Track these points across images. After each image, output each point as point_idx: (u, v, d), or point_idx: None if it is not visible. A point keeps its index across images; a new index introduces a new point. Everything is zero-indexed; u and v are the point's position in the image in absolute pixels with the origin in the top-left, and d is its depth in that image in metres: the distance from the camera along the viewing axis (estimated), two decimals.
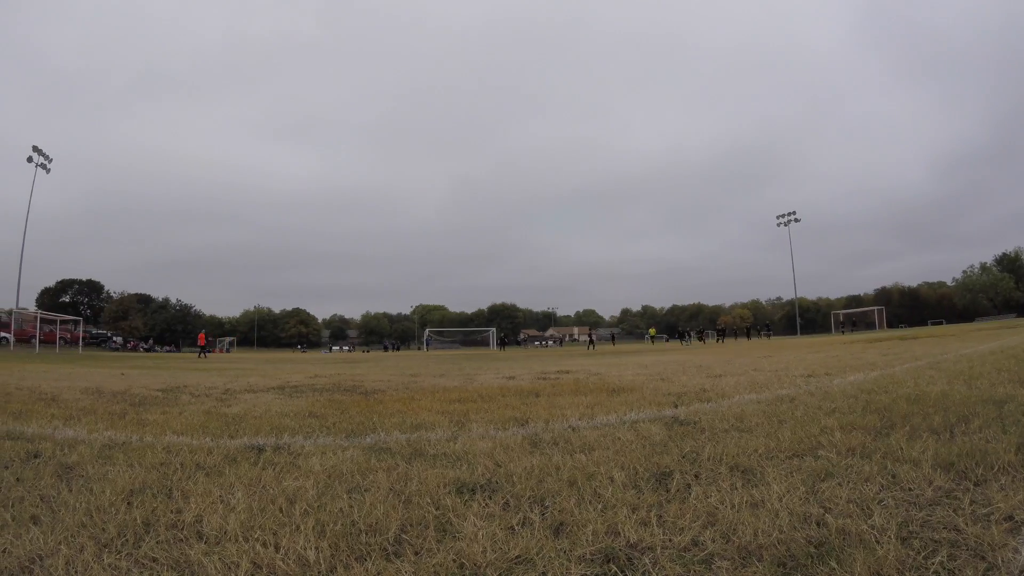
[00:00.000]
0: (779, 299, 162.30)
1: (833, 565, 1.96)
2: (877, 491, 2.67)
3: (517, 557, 2.13)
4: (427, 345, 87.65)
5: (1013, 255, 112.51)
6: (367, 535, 2.37)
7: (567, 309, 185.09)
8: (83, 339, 60.51)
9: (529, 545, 2.21)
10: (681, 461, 3.36)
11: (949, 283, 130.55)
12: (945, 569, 1.94)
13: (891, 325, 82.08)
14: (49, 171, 60.38)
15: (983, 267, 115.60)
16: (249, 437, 4.59)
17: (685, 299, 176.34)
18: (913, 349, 14.79)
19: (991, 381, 6.20)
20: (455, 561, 2.11)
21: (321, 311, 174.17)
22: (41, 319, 52.88)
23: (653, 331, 76.37)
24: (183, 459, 3.75)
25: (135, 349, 79.80)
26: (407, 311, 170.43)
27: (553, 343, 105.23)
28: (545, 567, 2.05)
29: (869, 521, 2.28)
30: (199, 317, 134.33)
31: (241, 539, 2.34)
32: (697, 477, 3.05)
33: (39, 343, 45.92)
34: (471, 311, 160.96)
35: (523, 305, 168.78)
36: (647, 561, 2.07)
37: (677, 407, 5.59)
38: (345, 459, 3.71)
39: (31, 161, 58.75)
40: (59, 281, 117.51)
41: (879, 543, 2.09)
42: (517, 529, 2.40)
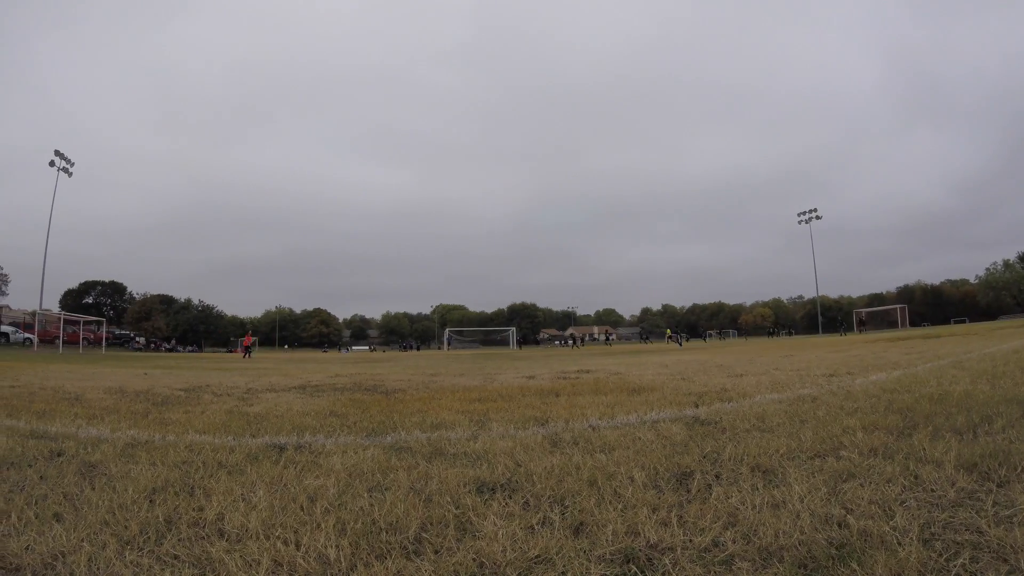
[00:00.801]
0: (800, 297, 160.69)
1: (854, 567, 1.94)
2: (899, 492, 2.64)
3: (537, 557, 2.12)
4: (448, 345, 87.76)
5: None
6: (387, 533, 2.37)
7: (587, 309, 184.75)
8: (106, 339, 61.12)
9: (549, 545, 2.20)
10: (702, 461, 3.34)
11: (972, 281, 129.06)
12: (967, 572, 1.91)
13: (914, 323, 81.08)
14: (71, 175, 61.00)
15: (1006, 264, 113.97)
16: (271, 436, 4.61)
17: (706, 298, 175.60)
18: (936, 348, 14.64)
19: (1015, 380, 6.13)
20: (475, 560, 2.11)
21: (342, 311, 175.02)
22: (64, 320, 53.45)
23: (669, 331, 76.08)
24: (205, 458, 3.77)
25: (157, 349, 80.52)
26: (427, 311, 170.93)
27: (560, 343, 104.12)
28: (565, 567, 2.04)
29: (891, 522, 2.26)
30: (220, 317, 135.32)
31: (262, 537, 2.35)
32: (718, 477, 3.03)
33: (62, 344, 46.43)
34: (491, 311, 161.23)
35: (543, 305, 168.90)
36: (667, 562, 2.05)
37: (698, 407, 5.56)
38: (366, 458, 3.72)
39: (53, 165, 59.35)
40: (82, 283, 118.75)
41: (901, 545, 2.07)
42: (537, 529, 2.40)
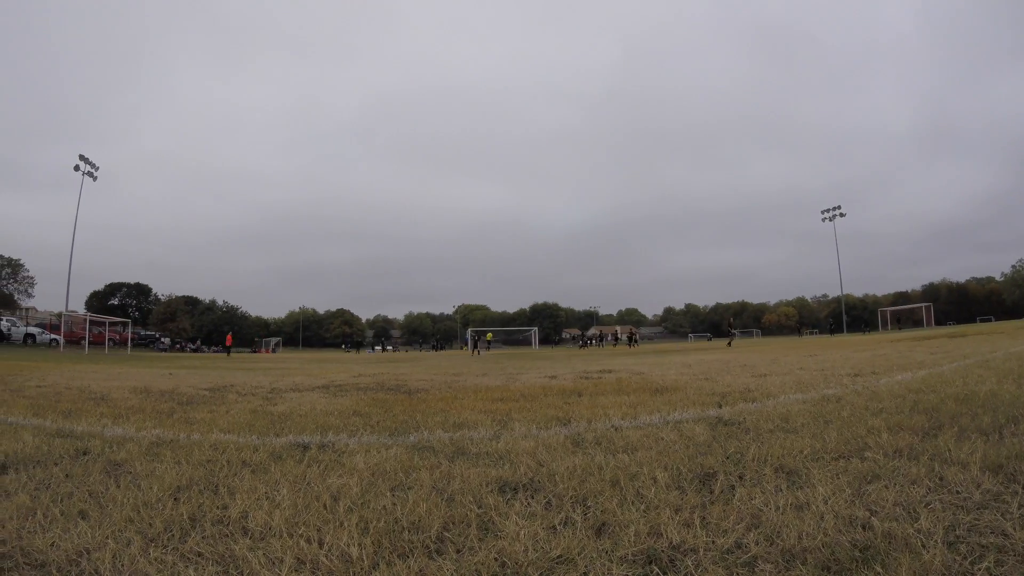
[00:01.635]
0: (825, 296, 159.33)
1: (878, 570, 1.92)
2: (924, 494, 2.61)
3: (559, 557, 2.12)
4: (473, 347, 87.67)
5: None
6: (410, 532, 2.38)
7: (609, 308, 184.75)
8: (131, 340, 61.77)
9: (571, 545, 2.20)
10: (725, 462, 3.32)
11: (997, 279, 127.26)
12: (991, 575, 1.89)
13: (939, 322, 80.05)
14: (96, 179, 61.71)
15: None
16: (294, 435, 4.64)
17: (729, 297, 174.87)
18: (961, 347, 14.46)
19: None
20: (496, 560, 2.12)
21: (365, 311, 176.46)
22: (90, 321, 54.10)
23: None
24: (229, 456, 3.80)
25: (182, 350, 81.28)
26: (449, 311, 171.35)
27: (581, 343, 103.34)
28: (587, 567, 2.04)
29: (915, 525, 2.23)
30: (245, 318, 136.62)
31: (285, 535, 2.37)
32: (741, 478, 3.01)
33: (88, 344, 46.96)
34: (513, 310, 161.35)
35: (565, 304, 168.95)
36: (689, 563, 2.05)
37: (721, 407, 5.52)
38: (389, 457, 3.73)
39: (78, 170, 60.09)
40: (107, 284, 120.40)
41: (925, 548, 2.04)
42: (559, 529, 2.40)
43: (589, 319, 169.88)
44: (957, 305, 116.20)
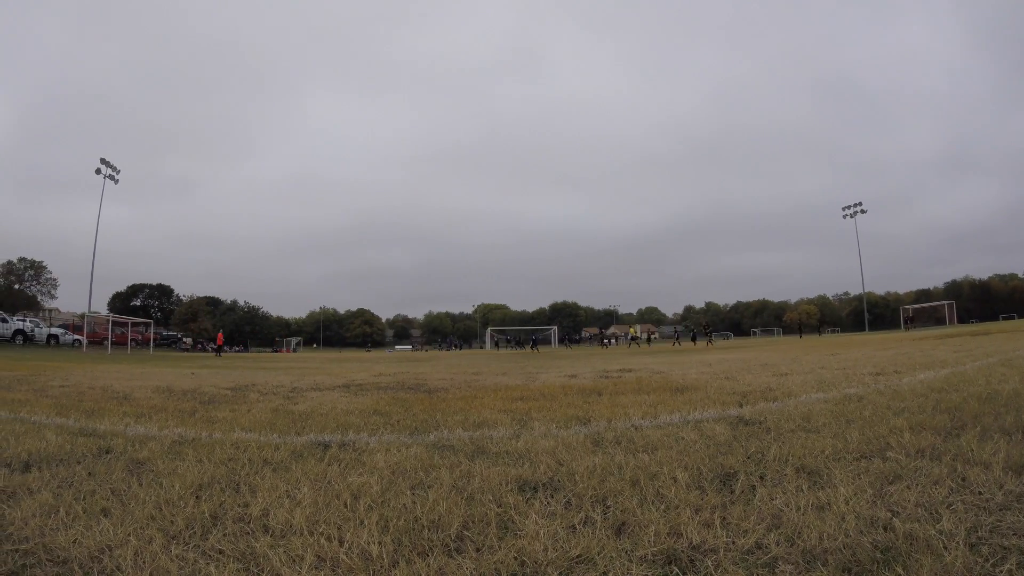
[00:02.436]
0: (846, 294, 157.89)
1: (899, 571, 1.90)
2: (946, 494, 2.58)
3: (578, 556, 2.12)
4: (493, 344, 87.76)
5: None
6: (429, 531, 2.39)
7: (629, 307, 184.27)
8: (154, 340, 62.35)
9: (590, 544, 2.20)
10: (746, 462, 3.31)
11: (1021, 275, 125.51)
12: None
13: (961, 320, 78.86)
14: (117, 182, 62.34)
15: None
16: (315, 434, 4.66)
17: (750, 295, 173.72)
18: (984, 345, 14.29)
19: None
20: (516, 559, 2.12)
21: (385, 311, 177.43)
22: (113, 322, 54.64)
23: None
24: (251, 455, 3.83)
25: (204, 350, 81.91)
26: (469, 310, 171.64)
27: (600, 342, 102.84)
28: (606, 567, 2.04)
29: (937, 526, 2.21)
30: (266, 318, 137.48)
31: (306, 533, 2.38)
32: (762, 478, 2.99)
33: (111, 345, 47.42)
34: (532, 309, 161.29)
35: (584, 303, 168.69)
36: (709, 563, 2.04)
37: (742, 406, 5.50)
38: (409, 456, 3.74)
39: (99, 173, 60.74)
40: (130, 286, 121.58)
41: (947, 549, 2.02)
42: (578, 528, 2.39)
43: (609, 318, 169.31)
44: (980, 302, 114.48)
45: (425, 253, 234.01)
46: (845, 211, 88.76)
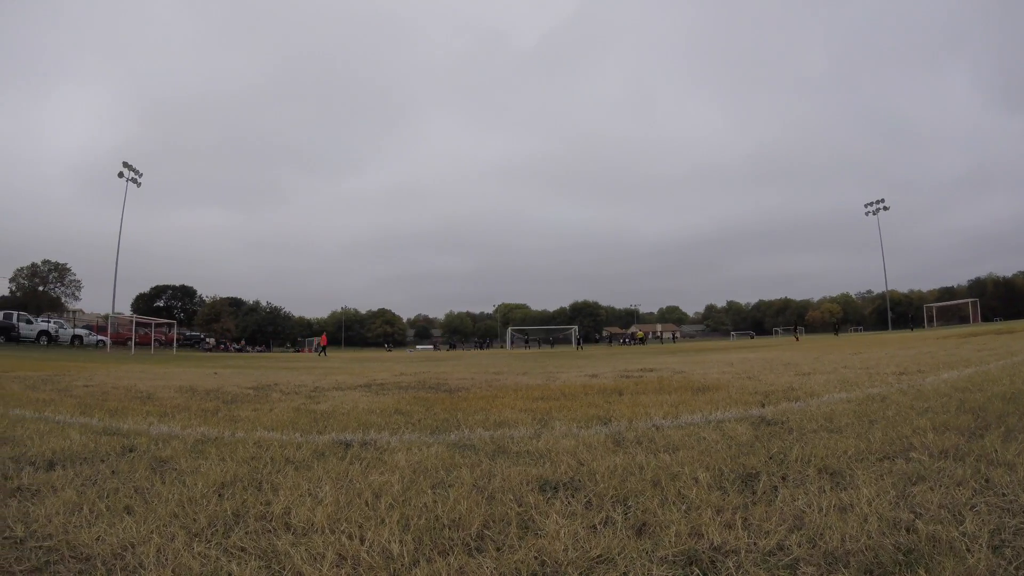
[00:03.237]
0: (869, 292, 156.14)
1: (921, 574, 1.89)
2: (970, 496, 2.55)
3: (598, 556, 2.12)
4: (511, 344, 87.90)
5: None
6: (450, 530, 2.40)
7: (650, 306, 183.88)
8: (177, 341, 62.89)
9: (611, 545, 2.19)
10: (768, 462, 3.29)
11: None
12: None
13: (985, 318, 77.52)
14: (140, 185, 63.08)
15: None
16: (337, 433, 4.69)
17: (771, 294, 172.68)
18: (1009, 344, 14.12)
19: None
20: (536, 558, 2.12)
21: (406, 311, 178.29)
22: (136, 322, 55.18)
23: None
24: (273, 454, 3.86)
25: (227, 350, 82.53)
26: (490, 310, 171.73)
27: (622, 341, 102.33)
28: (627, 567, 2.03)
29: (960, 528, 2.19)
30: (288, 318, 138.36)
31: (327, 531, 2.40)
32: (784, 479, 2.98)
33: (135, 345, 47.88)
34: (553, 309, 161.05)
35: (605, 303, 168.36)
36: (731, 564, 2.03)
37: (764, 406, 5.46)
38: (430, 455, 3.75)
39: (122, 176, 61.53)
40: (153, 287, 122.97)
41: (970, 551, 2.00)
42: (599, 528, 2.39)
43: (630, 317, 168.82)
44: (1004, 300, 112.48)
45: (484, 258, 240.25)
46: (868, 208, 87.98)
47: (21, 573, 2.08)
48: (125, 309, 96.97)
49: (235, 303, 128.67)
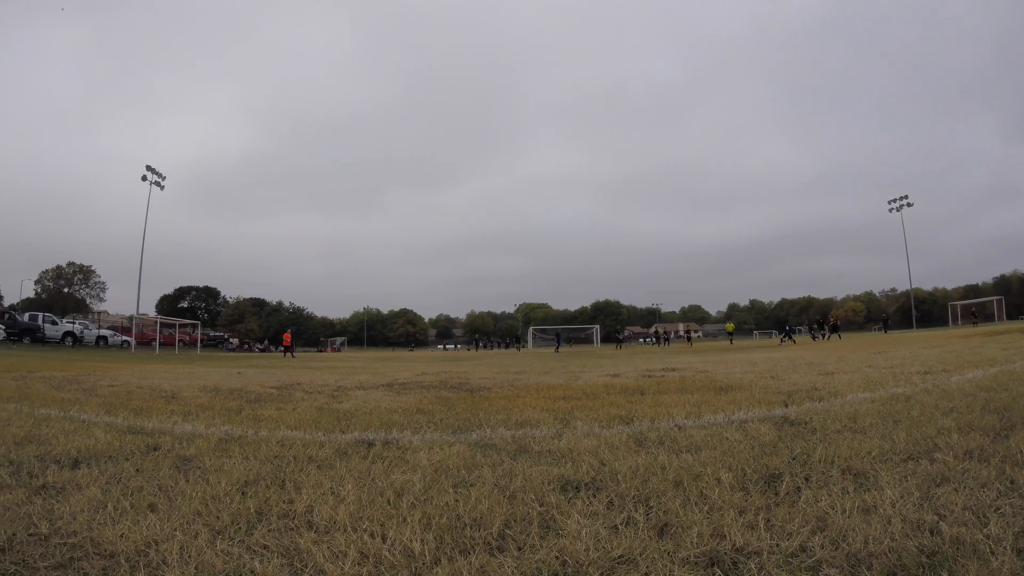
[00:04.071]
0: (893, 290, 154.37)
1: None
2: (994, 497, 2.52)
3: (620, 557, 2.11)
4: (531, 343, 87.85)
5: None
6: (472, 529, 2.40)
7: (672, 305, 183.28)
8: (201, 341, 63.46)
9: (632, 545, 2.19)
10: (791, 463, 3.26)
11: None
12: None
13: (1011, 316, 76.20)
14: (163, 188, 63.76)
15: None
16: (359, 432, 4.72)
17: (794, 292, 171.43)
18: None
19: None
20: (557, 558, 2.12)
21: (427, 310, 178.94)
22: (161, 323, 55.71)
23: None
24: (296, 452, 3.88)
25: (250, 350, 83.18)
26: (511, 309, 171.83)
27: (644, 340, 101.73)
28: (648, 568, 2.03)
29: (984, 530, 2.16)
30: (311, 319, 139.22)
31: (350, 529, 2.41)
32: (807, 480, 2.95)
33: (159, 346, 48.35)
34: (574, 308, 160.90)
35: (627, 302, 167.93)
36: (753, 566, 2.02)
37: (787, 406, 5.43)
38: (451, 454, 3.76)
39: (145, 180, 62.15)
40: (177, 288, 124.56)
41: (994, 554, 1.98)
42: (621, 528, 2.39)
43: (651, 316, 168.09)
44: None
45: (536, 262, 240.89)
46: (891, 204, 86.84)
47: (46, 569, 2.11)
48: (149, 310, 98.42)
49: (258, 304, 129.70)
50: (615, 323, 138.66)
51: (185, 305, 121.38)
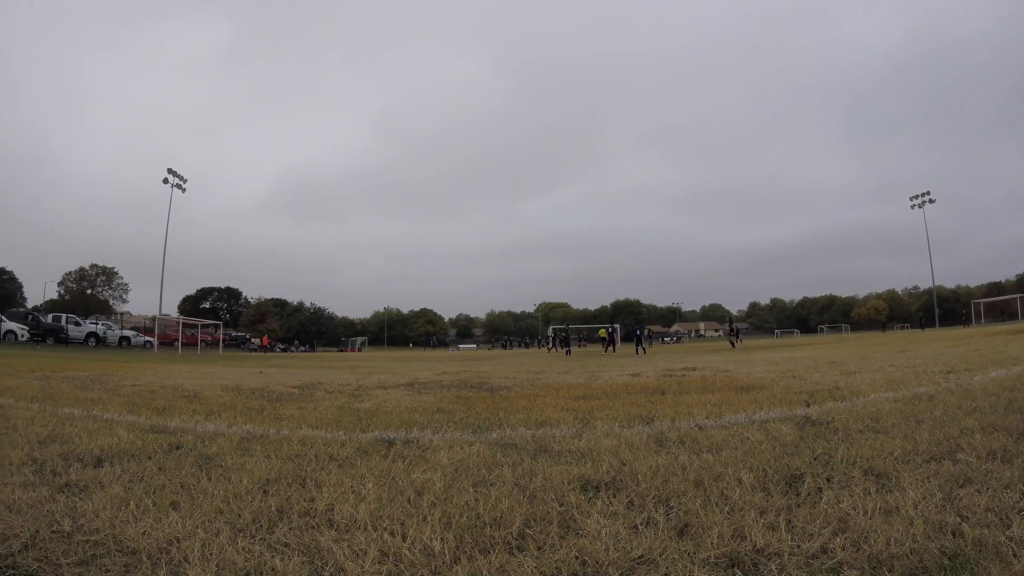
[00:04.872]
0: (916, 288, 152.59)
1: None
2: (1017, 499, 2.49)
3: (640, 557, 2.11)
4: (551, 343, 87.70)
5: None
6: (491, 528, 2.41)
7: (692, 304, 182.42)
8: (223, 341, 63.98)
9: (652, 545, 2.19)
10: (813, 463, 3.25)
11: None
12: None
13: None
14: (185, 191, 64.53)
15: None
16: (380, 431, 4.74)
17: (815, 290, 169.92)
18: None
19: None
20: (577, 558, 2.12)
21: (447, 310, 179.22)
22: (183, 323, 56.20)
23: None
24: (317, 451, 3.91)
25: (271, 350, 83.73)
26: (531, 309, 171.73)
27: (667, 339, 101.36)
28: (668, 569, 2.03)
29: (1007, 532, 2.14)
30: (332, 319, 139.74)
31: (370, 528, 2.43)
32: (829, 481, 2.94)
33: (181, 346, 48.75)
34: (594, 307, 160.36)
35: (647, 301, 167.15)
36: (773, 567, 2.01)
37: (809, 406, 5.40)
38: (472, 453, 3.78)
39: (167, 183, 62.96)
40: (199, 289, 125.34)
41: (1016, 556, 1.96)
42: (641, 529, 2.39)
43: (671, 315, 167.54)
44: None
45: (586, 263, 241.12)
46: (913, 201, 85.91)
47: (68, 566, 2.13)
48: (171, 311, 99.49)
49: (279, 304, 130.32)
50: (635, 322, 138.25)
51: (207, 306, 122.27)
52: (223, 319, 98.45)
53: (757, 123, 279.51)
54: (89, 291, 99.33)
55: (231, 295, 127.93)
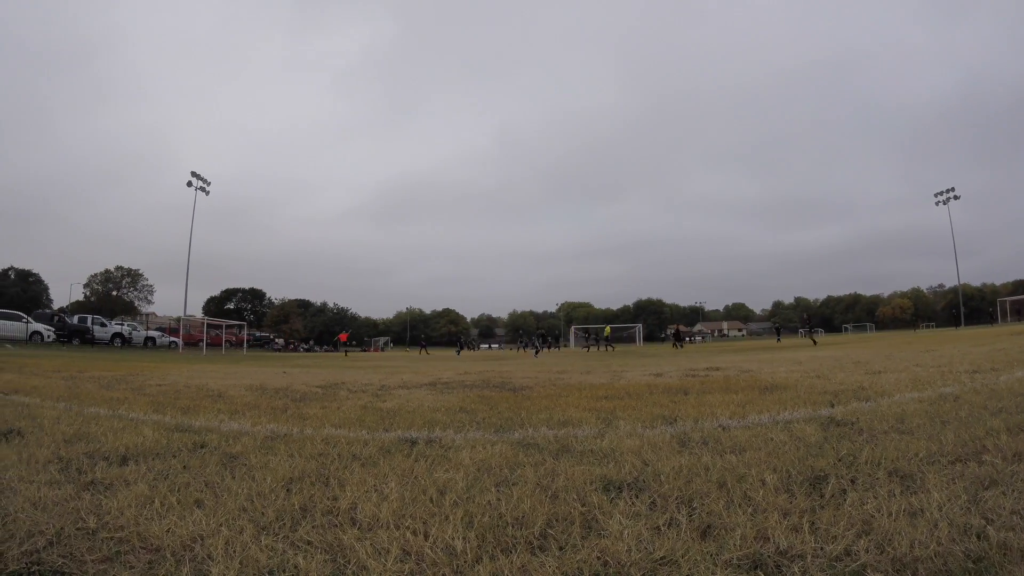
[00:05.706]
0: (941, 286, 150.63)
1: None
2: None
3: (662, 558, 2.11)
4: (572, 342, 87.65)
5: None
6: (513, 528, 2.42)
7: (715, 303, 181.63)
8: (247, 341, 64.53)
9: (675, 547, 2.18)
10: (837, 464, 3.22)
11: None
12: None
13: None
14: (208, 193, 65.33)
15: None
16: (403, 430, 4.76)
17: (840, 289, 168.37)
18: None
19: None
20: (599, 559, 2.12)
21: (469, 311, 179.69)
22: (207, 324, 56.71)
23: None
24: (340, 450, 3.94)
25: (295, 350, 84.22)
26: (552, 309, 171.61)
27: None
28: (690, 570, 2.02)
29: None
30: (355, 319, 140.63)
31: (392, 527, 2.45)
32: (853, 482, 2.91)
33: (206, 346, 49.18)
34: (617, 307, 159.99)
35: (669, 300, 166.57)
36: (796, 569, 2.00)
37: (833, 406, 5.35)
38: (494, 453, 3.79)
39: (190, 185, 63.96)
40: (224, 290, 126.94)
41: None
42: (663, 529, 2.38)
43: (695, 315, 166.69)
44: None
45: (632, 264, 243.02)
46: (937, 197, 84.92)
47: (93, 562, 2.16)
48: (196, 311, 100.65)
49: (303, 304, 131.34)
50: (658, 322, 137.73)
51: (231, 307, 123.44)
52: (247, 320, 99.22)
53: (818, 147, 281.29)
54: (115, 292, 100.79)
55: (255, 296, 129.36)
